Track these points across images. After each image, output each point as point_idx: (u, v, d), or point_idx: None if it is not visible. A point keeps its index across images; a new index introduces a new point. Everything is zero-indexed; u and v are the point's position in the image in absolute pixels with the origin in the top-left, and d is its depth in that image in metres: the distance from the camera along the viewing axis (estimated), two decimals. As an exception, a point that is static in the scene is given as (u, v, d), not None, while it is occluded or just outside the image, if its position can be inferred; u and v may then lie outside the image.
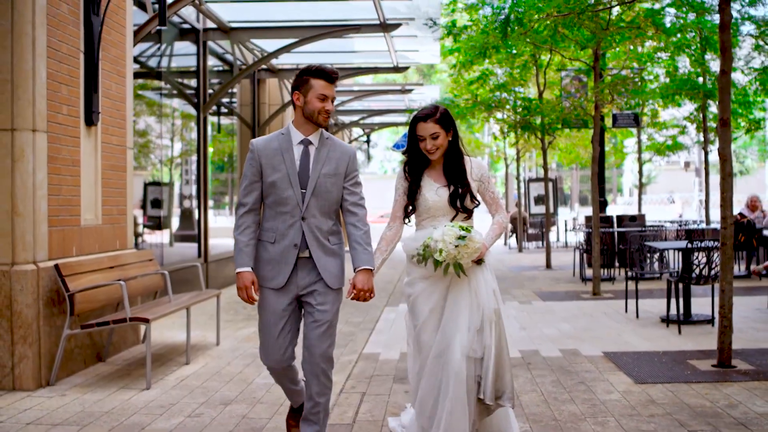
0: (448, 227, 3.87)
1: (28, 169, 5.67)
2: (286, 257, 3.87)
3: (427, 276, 4.02)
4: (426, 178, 4.10)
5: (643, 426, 4.65)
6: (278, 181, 3.86)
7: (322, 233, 3.91)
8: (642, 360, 6.53)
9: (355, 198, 4.01)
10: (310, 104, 3.85)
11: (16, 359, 5.65)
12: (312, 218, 3.88)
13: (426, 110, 4.07)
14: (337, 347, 7.29)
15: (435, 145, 4.02)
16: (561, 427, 4.68)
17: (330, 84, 3.88)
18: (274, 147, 3.91)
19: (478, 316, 3.90)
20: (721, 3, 6.02)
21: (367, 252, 3.92)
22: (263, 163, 3.88)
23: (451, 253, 3.80)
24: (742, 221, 12.82)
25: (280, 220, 3.89)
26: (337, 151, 3.98)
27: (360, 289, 3.86)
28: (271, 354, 3.96)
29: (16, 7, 5.62)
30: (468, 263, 3.89)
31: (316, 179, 3.89)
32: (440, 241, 3.82)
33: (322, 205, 3.91)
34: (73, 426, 4.79)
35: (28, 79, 5.66)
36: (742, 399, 5.20)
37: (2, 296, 5.62)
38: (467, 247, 3.81)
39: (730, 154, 6.11)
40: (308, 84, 3.85)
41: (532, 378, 5.95)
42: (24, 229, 5.66)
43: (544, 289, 11.92)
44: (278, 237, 3.89)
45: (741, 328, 7.91)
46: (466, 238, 3.81)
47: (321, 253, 3.90)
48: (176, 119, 11.54)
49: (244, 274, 3.87)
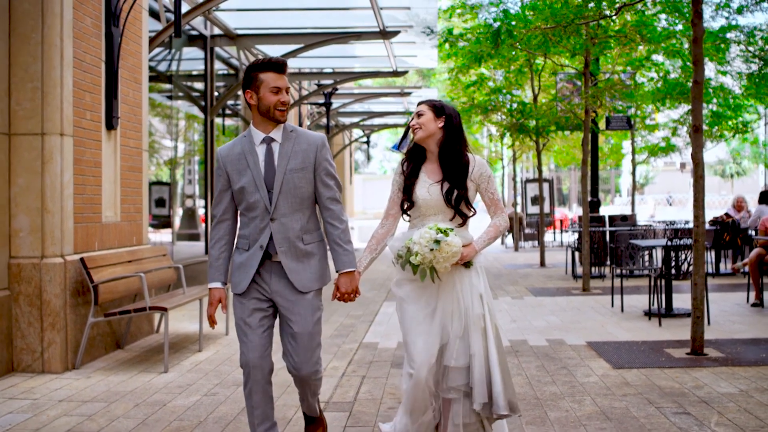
0: (426, 229, 3.73)
1: (56, 170, 6.18)
2: (251, 260, 3.72)
3: (414, 278, 3.85)
4: (422, 174, 3.94)
5: (615, 403, 5.16)
6: (246, 185, 3.70)
7: (295, 233, 3.72)
8: (622, 348, 7.04)
9: (330, 192, 3.81)
10: (264, 100, 3.66)
11: (45, 344, 6.16)
12: (282, 218, 3.70)
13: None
14: (338, 337, 7.83)
15: (419, 123, 3.90)
16: (542, 404, 5.19)
17: (280, 75, 3.69)
18: (237, 152, 3.74)
19: (460, 323, 3.77)
20: (693, 18, 6.53)
21: (346, 252, 3.77)
22: (229, 170, 3.74)
23: (426, 256, 3.67)
24: (728, 221, 13.34)
25: (252, 226, 3.73)
26: (303, 142, 3.77)
27: (344, 293, 3.75)
28: (250, 350, 3.72)
29: (45, 21, 6.13)
30: (446, 267, 3.72)
31: (282, 177, 3.69)
32: (416, 244, 3.69)
33: (292, 203, 3.72)
34: (101, 402, 5.31)
35: (56, 87, 6.18)
36: (708, 381, 5.72)
37: (33, 286, 6.14)
38: (442, 251, 3.65)
39: (702, 158, 6.62)
40: (258, 80, 3.67)
41: (518, 363, 6.47)
42: (53, 225, 6.17)
43: (537, 286, 12.42)
44: (251, 242, 3.74)
45: (719, 321, 8.43)
46: (441, 242, 3.66)
47: (291, 255, 3.71)
48: (184, 121, 12.05)
49: (212, 291, 3.80)
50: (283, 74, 3.70)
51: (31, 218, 6.16)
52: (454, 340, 3.76)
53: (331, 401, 5.34)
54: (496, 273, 14.72)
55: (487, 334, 3.77)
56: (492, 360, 3.74)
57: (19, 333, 6.15)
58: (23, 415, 4.99)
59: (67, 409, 5.13)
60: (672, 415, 4.86)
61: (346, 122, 23.09)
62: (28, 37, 6.11)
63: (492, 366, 3.73)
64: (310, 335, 3.75)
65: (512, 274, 14.47)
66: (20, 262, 6.15)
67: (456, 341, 3.76)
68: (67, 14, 6.26)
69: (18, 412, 5.06)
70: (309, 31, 12.17)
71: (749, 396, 5.28)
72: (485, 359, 3.74)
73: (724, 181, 65.05)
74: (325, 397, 5.41)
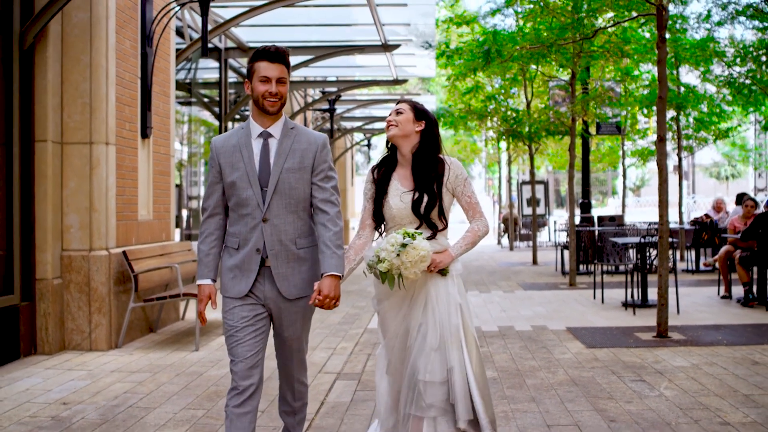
0: (393, 234, 3.53)
1: (102, 175, 7.10)
2: (249, 264, 3.47)
3: (389, 295, 3.68)
4: (393, 182, 3.74)
5: (584, 374, 6.09)
6: (237, 180, 3.47)
7: (288, 236, 3.48)
8: (597, 333, 7.97)
9: (325, 194, 3.54)
10: (254, 90, 3.45)
11: (93, 326, 7.08)
12: (275, 219, 3.46)
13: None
14: (345, 323, 8.76)
15: (396, 120, 3.70)
16: (522, 374, 6.12)
17: (273, 63, 3.43)
18: (232, 143, 3.52)
19: (435, 335, 3.55)
20: (658, 42, 7.46)
21: (335, 256, 3.45)
22: (222, 162, 3.50)
23: (393, 262, 3.45)
24: (707, 221, 14.27)
25: (242, 224, 3.49)
26: (303, 141, 3.53)
27: (325, 296, 3.38)
28: (240, 360, 3.42)
29: (93, 45, 7.05)
30: (415, 274, 3.49)
31: (278, 175, 3.46)
32: (384, 250, 3.48)
33: (287, 204, 3.47)
34: (147, 373, 6.23)
35: (102, 102, 7.10)
36: (666, 357, 6.64)
37: (82, 276, 7.06)
38: (408, 255, 3.43)
39: (666, 164, 7.55)
40: (252, 69, 3.47)
41: (504, 344, 7.39)
42: (99, 222, 7.09)
43: (527, 281, 13.36)
44: (241, 242, 3.49)
45: (688, 310, 9.36)
46: (407, 246, 3.43)
47: (283, 259, 3.47)
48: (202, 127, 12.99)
49: (202, 287, 3.53)
50: (277, 63, 3.44)
51: (81, 216, 7.08)
52: (429, 353, 3.54)
53: (343, 372, 6.27)
54: (491, 270, 15.66)
55: (463, 347, 3.58)
56: (469, 374, 3.55)
57: (70, 316, 7.07)
58: (84, 382, 5.92)
59: (119, 378, 6.06)
60: (630, 382, 5.78)
61: (347, 126, 24.04)
62: (78, 60, 7.04)
63: (470, 381, 3.53)
64: (299, 339, 3.61)
65: (506, 271, 15.40)
66: (71, 254, 7.07)
67: (431, 354, 3.53)
68: (111, 38, 7.18)
69: (78, 380, 5.99)
70: (316, 44, 13.12)
71: (698, 368, 6.20)
72: (465, 373, 3.55)
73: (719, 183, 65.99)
74: (337, 369, 6.34)
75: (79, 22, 7.03)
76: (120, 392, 5.60)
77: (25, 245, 6.80)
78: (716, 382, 5.71)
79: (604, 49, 10.90)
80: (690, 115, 16.71)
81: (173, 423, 4.83)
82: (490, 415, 3.56)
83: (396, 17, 11.68)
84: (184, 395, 5.52)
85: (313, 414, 5.02)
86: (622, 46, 10.44)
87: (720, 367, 6.23)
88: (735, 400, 5.22)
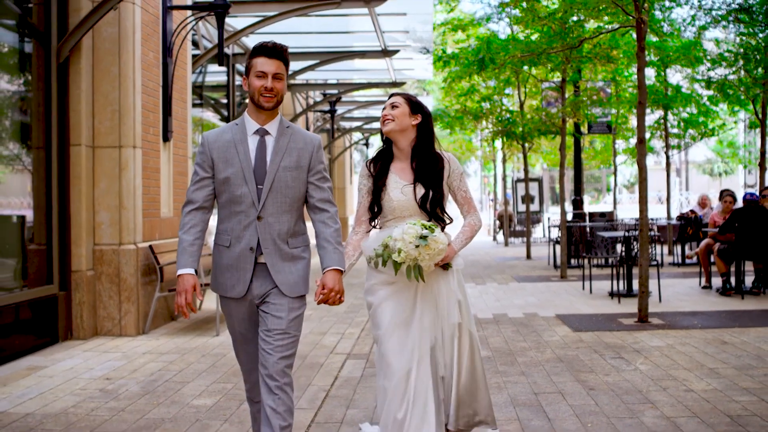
0: (410, 225, 3.51)
1: (130, 176, 7.77)
2: (243, 263, 3.43)
3: (390, 282, 3.66)
4: (391, 175, 3.75)
5: (569, 353, 6.79)
6: (232, 177, 3.41)
7: (281, 235, 3.44)
8: (583, 319, 8.66)
9: (324, 194, 3.54)
10: (251, 85, 3.41)
11: (122, 313, 7.76)
12: (269, 217, 3.42)
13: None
14: (351, 313, 9.44)
15: (392, 114, 3.73)
16: (513, 354, 6.81)
17: (270, 59, 3.39)
18: (226, 139, 3.46)
19: (436, 332, 3.62)
20: (638, 51, 8.15)
21: (337, 251, 3.46)
22: (215, 157, 3.43)
23: (411, 254, 3.45)
24: (691, 216, 14.98)
25: (234, 221, 3.44)
26: (300, 141, 3.50)
27: (330, 289, 3.40)
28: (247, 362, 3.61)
29: (122, 57, 7.72)
30: (430, 266, 3.53)
31: (275, 173, 3.42)
32: (399, 240, 3.47)
33: (281, 203, 3.44)
34: (175, 354, 6.91)
35: (130, 110, 7.76)
36: (643, 339, 7.35)
37: (113, 267, 7.73)
38: (429, 248, 3.45)
39: (645, 164, 8.24)
40: (250, 65, 3.43)
41: (498, 329, 8.09)
42: (128, 219, 7.76)
43: (521, 274, 14.06)
44: (233, 240, 3.43)
45: (670, 299, 10.06)
46: (428, 238, 3.45)
47: (277, 258, 3.43)
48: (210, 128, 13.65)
49: (184, 277, 3.39)
50: (275, 59, 3.40)
51: (111, 214, 7.75)
52: (440, 347, 3.63)
53: (352, 353, 6.95)
54: (486, 264, 16.36)
55: (461, 346, 3.64)
56: (463, 372, 3.64)
57: (101, 304, 7.75)
58: (120, 362, 6.60)
59: (152, 358, 6.74)
60: (609, 359, 6.48)
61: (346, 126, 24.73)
62: (108, 71, 7.71)
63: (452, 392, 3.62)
64: (285, 332, 3.42)
65: (500, 265, 16.11)
66: (102, 248, 7.74)
67: (429, 350, 3.61)
68: (137, 51, 7.85)
69: (115, 360, 6.67)
70: (319, 50, 13.80)
71: (672, 348, 6.91)
72: (457, 375, 3.63)
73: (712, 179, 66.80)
74: (347, 351, 7.02)
75: (108, 36, 7.69)
76: (155, 370, 6.28)
77: (62, 240, 7.48)
78: (686, 359, 6.42)
79: (592, 54, 11.59)
80: (678, 114, 17.45)
81: (207, 393, 5.52)
82: (486, 413, 3.75)
83: (395, 25, 12.37)
84: (212, 372, 6.21)
85: (328, 386, 5.71)
86: (609, 52, 11.12)
87: (692, 346, 6.94)
88: (701, 372, 5.93)
